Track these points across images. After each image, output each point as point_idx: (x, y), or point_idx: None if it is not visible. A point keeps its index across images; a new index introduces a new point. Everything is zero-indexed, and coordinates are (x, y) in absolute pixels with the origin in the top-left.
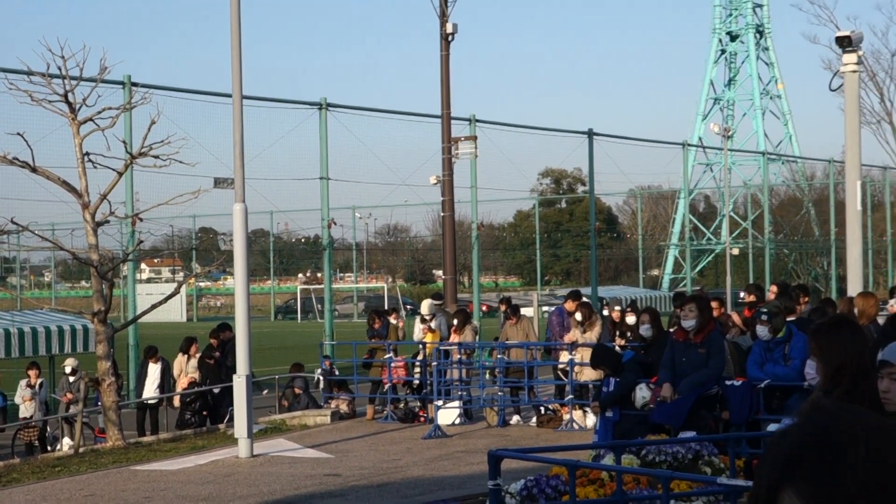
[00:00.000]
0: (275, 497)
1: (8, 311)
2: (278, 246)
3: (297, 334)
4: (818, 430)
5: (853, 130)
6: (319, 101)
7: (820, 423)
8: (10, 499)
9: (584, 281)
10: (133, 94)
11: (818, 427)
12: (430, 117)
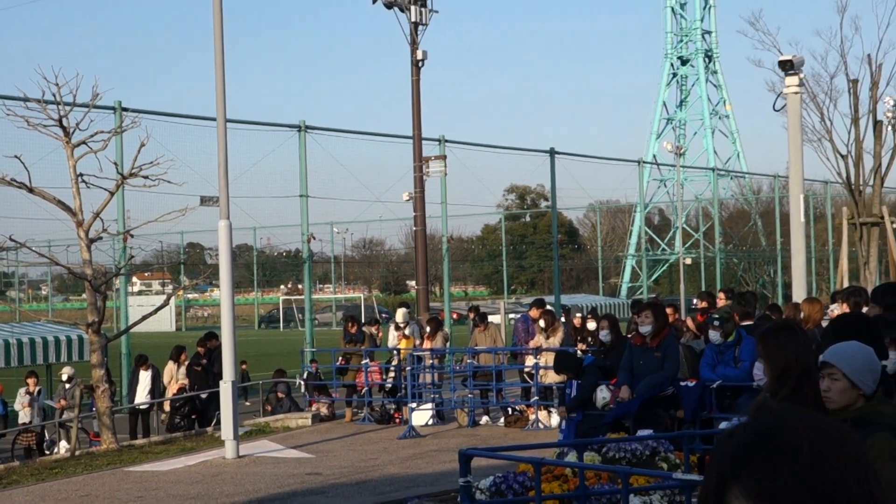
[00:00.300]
0: (259, 495)
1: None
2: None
3: (280, 342)
4: (764, 430)
5: (796, 148)
6: (298, 123)
7: (765, 423)
8: (10, 500)
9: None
10: (123, 119)
11: (764, 427)
12: (402, 138)
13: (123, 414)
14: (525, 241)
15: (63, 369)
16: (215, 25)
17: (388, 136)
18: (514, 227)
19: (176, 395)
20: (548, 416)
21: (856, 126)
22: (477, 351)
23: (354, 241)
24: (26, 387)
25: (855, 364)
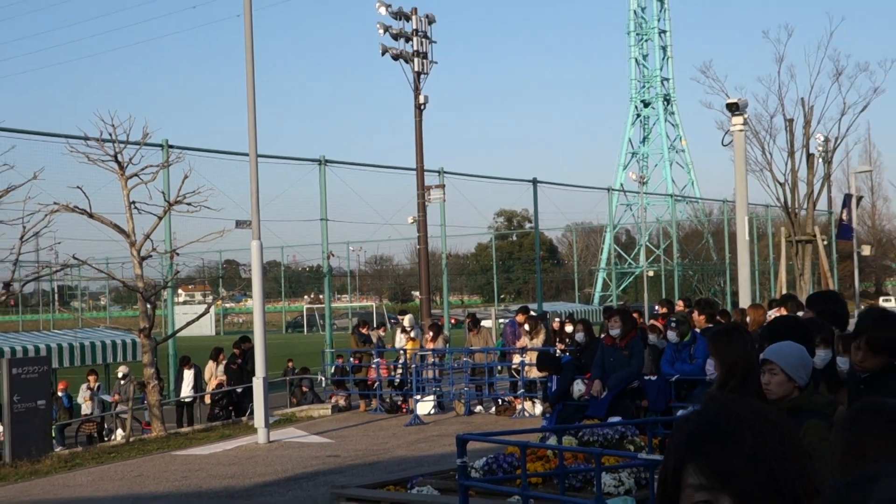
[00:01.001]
0: (287, 474)
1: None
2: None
3: (304, 344)
4: (714, 417)
5: (741, 177)
6: (319, 157)
7: (715, 412)
8: (74, 479)
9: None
10: (169, 154)
11: (714, 414)
12: (407, 170)
13: (170, 406)
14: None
15: (119, 368)
16: (248, 76)
17: (395, 168)
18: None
19: (215, 390)
20: (532, 405)
21: (791, 158)
22: (472, 350)
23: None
24: (87, 383)
25: (791, 360)
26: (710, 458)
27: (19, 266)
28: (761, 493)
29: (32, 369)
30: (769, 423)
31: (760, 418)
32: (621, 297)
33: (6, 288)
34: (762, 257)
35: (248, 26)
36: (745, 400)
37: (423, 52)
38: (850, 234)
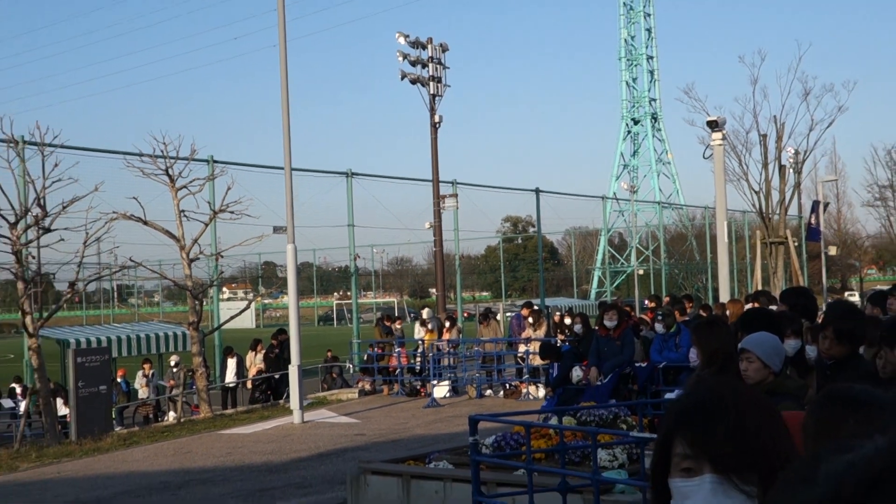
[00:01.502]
0: (319, 451)
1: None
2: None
3: (334, 335)
4: (700, 396)
5: (720, 186)
6: (346, 170)
7: (701, 390)
8: (132, 455)
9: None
10: (214, 168)
11: (699, 393)
12: (424, 181)
13: (216, 390)
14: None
15: (171, 357)
16: (282, 99)
17: (413, 179)
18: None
19: (255, 376)
20: (536, 389)
21: (765, 169)
22: (482, 341)
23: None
24: (143, 370)
25: (766, 349)
26: (694, 431)
27: (83, 267)
28: (739, 462)
29: (95, 358)
30: (749, 401)
31: (742, 397)
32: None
33: (71, 287)
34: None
35: (282, 55)
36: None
37: (438, 77)
38: (818, 237)
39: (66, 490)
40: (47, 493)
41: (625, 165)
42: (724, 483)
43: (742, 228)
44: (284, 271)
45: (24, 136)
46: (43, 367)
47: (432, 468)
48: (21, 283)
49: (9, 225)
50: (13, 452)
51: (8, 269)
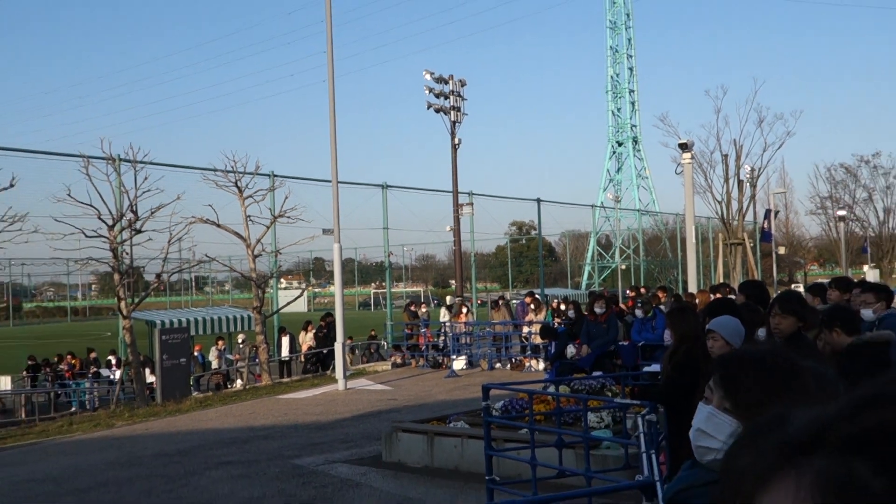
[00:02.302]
0: (360, 412)
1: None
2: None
3: (371, 318)
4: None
5: (689, 197)
6: (382, 183)
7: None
8: (205, 416)
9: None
10: (274, 181)
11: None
12: (445, 192)
13: (275, 363)
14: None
15: (238, 335)
16: (331, 124)
17: (437, 190)
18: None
19: (306, 352)
20: (537, 363)
21: (726, 183)
22: (493, 323)
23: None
24: (216, 346)
25: (728, 330)
26: (724, 373)
27: (167, 262)
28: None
29: (176, 336)
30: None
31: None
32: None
33: (158, 278)
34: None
35: (331, 89)
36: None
37: (458, 107)
38: (769, 238)
39: (153, 443)
40: (137, 446)
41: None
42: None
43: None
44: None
45: (119, 155)
46: (134, 343)
47: (451, 427)
48: (117, 275)
49: (107, 227)
50: (110, 413)
51: (107, 263)
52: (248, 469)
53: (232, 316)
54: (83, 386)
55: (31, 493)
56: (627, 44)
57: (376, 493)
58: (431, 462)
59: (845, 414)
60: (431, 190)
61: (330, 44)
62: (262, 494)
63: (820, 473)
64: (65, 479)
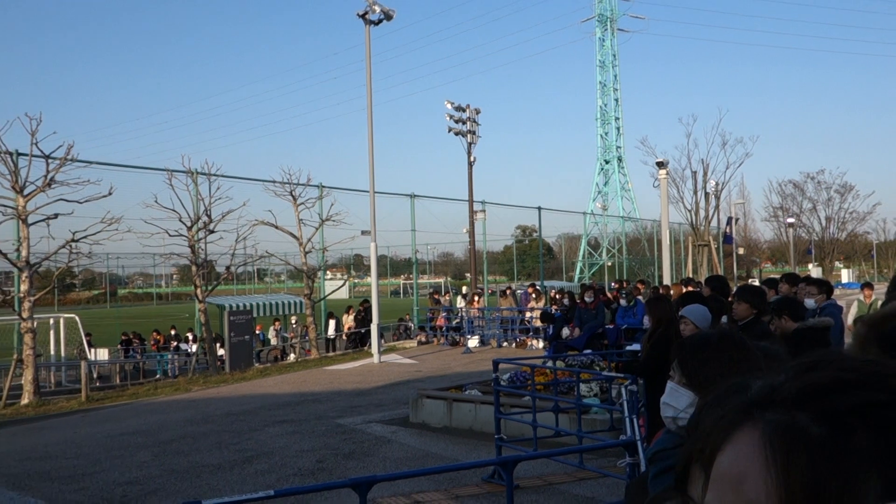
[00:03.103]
0: (392, 381)
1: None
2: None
3: (401, 304)
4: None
5: (664, 206)
6: (410, 193)
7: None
8: (266, 383)
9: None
10: (323, 191)
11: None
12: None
13: (322, 340)
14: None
15: (292, 317)
16: (369, 145)
17: (455, 199)
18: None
19: (348, 331)
20: (537, 342)
21: (695, 195)
22: (501, 308)
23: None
24: (274, 326)
25: (697, 316)
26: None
27: (234, 256)
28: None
29: (241, 317)
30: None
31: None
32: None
33: (227, 269)
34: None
35: (369, 115)
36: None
37: (473, 131)
38: (731, 241)
39: (223, 405)
40: (210, 407)
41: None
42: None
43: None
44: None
45: (197, 169)
46: (208, 322)
47: (467, 394)
48: (194, 267)
49: (186, 228)
50: (188, 380)
51: (186, 258)
52: (299, 427)
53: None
54: (166, 357)
55: (125, 443)
56: (614, 79)
57: (405, 447)
58: (450, 423)
59: (790, 377)
60: (451, 199)
61: (369, 79)
62: (312, 447)
63: (769, 424)
64: (152, 432)
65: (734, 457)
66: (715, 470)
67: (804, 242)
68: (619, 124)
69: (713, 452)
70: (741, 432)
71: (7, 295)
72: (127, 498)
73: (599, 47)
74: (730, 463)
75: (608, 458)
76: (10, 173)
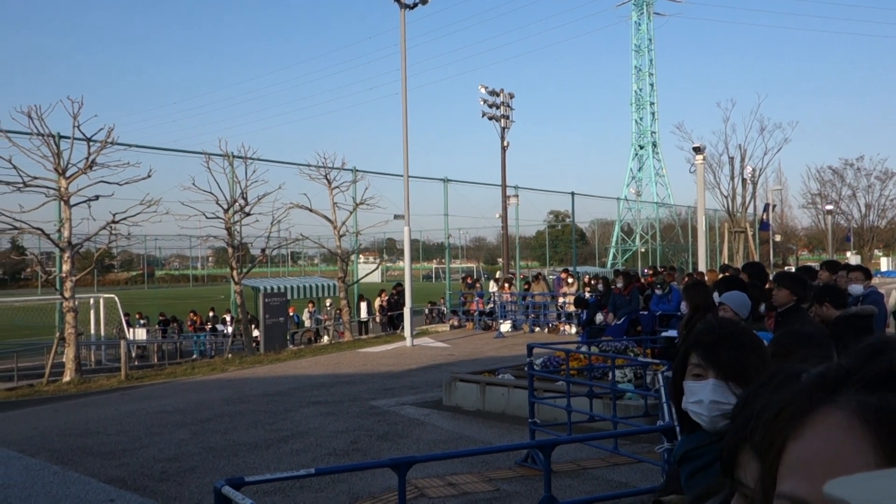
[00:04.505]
0: (423, 364)
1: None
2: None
3: (433, 289)
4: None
5: (701, 192)
6: (443, 177)
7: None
8: (300, 364)
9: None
10: (356, 175)
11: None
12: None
13: (355, 323)
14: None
15: (326, 300)
16: (403, 131)
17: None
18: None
19: (380, 312)
20: (570, 327)
21: (732, 181)
22: (534, 294)
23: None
24: (308, 308)
25: (737, 303)
26: (706, 347)
27: (269, 239)
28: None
29: (276, 299)
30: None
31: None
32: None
33: (262, 252)
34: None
35: (404, 99)
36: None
37: (507, 115)
38: (767, 228)
39: (258, 385)
40: (246, 387)
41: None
42: (722, 385)
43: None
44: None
45: (233, 153)
46: (244, 304)
47: (500, 378)
48: (230, 249)
49: (223, 211)
50: (224, 360)
51: (222, 240)
52: (333, 408)
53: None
54: (203, 338)
55: (163, 421)
56: (649, 64)
57: (438, 430)
58: (483, 406)
59: (862, 360)
60: (484, 184)
61: (403, 63)
62: (346, 428)
63: (860, 405)
64: (189, 411)
65: (822, 440)
66: (794, 457)
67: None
68: (654, 109)
69: (785, 440)
70: (820, 416)
71: (49, 275)
72: (166, 474)
73: (635, 31)
74: (818, 447)
75: (642, 444)
76: (52, 155)
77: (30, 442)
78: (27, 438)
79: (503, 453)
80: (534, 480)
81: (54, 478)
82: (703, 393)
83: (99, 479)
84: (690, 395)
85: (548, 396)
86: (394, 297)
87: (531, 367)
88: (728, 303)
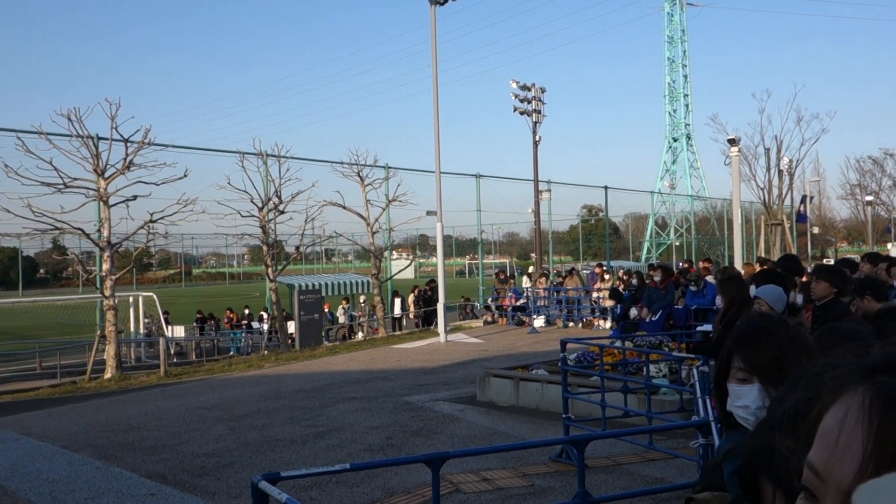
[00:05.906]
0: (457, 360)
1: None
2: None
3: (466, 284)
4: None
5: (736, 184)
6: (476, 173)
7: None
8: (335, 360)
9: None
10: (389, 172)
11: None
12: (528, 180)
13: (389, 319)
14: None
15: (360, 296)
16: (435, 128)
17: (521, 179)
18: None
19: (415, 308)
20: (604, 322)
21: (768, 173)
22: (567, 288)
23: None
24: (342, 305)
25: (772, 297)
26: (748, 351)
27: (303, 237)
28: (777, 375)
29: (311, 296)
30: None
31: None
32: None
33: (296, 249)
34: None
35: (435, 95)
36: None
37: (538, 110)
38: (805, 220)
39: (294, 381)
40: (282, 383)
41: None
42: (769, 389)
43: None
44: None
45: (267, 151)
46: (279, 301)
47: (534, 374)
48: (265, 247)
49: (258, 209)
50: (260, 357)
51: (257, 238)
52: (368, 404)
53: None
54: (239, 335)
55: (201, 417)
56: (682, 55)
57: (472, 425)
58: (517, 402)
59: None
60: (516, 179)
61: (434, 59)
62: (381, 424)
63: (882, 385)
64: (226, 406)
65: (837, 413)
66: (821, 427)
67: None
68: (687, 101)
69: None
70: (853, 390)
71: (90, 274)
72: (206, 469)
73: (668, 22)
74: (833, 418)
75: (677, 440)
76: (91, 157)
77: (73, 438)
78: (71, 434)
79: (537, 449)
80: (568, 476)
81: (97, 473)
82: (749, 398)
83: (140, 474)
84: (736, 399)
85: (582, 392)
86: (427, 293)
87: (565, 363)
88: (763, 296)
